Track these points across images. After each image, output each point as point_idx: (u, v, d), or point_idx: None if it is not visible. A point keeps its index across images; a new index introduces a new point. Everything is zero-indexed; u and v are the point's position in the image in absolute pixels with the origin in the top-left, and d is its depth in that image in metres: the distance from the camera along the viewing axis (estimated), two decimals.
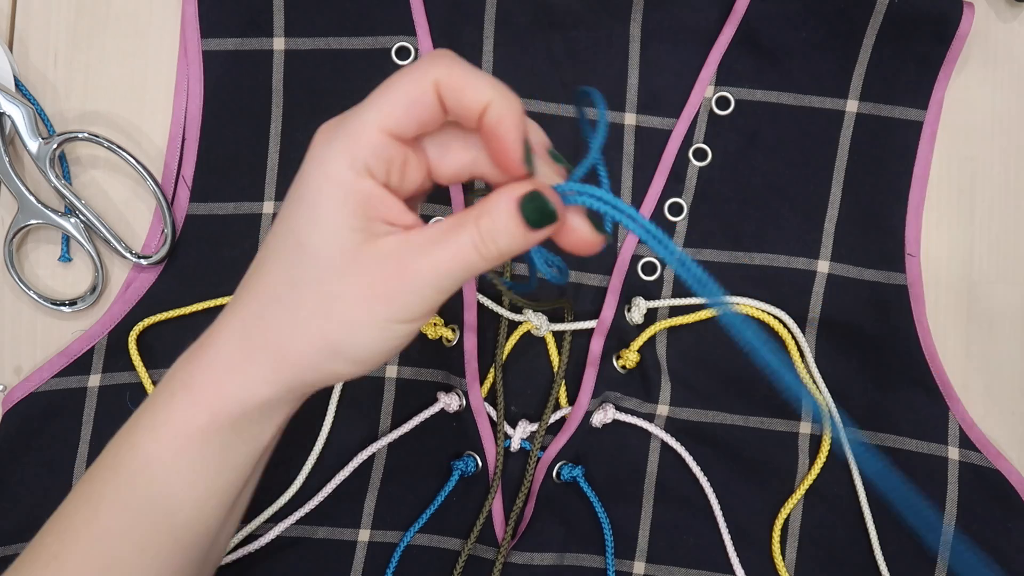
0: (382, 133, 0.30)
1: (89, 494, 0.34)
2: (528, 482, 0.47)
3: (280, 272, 0.32)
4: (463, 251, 0.31)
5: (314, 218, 0.31)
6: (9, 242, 0.49)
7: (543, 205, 0.31)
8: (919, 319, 0.48)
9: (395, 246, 0.31)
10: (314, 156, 0.31)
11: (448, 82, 0.30)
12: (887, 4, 0.48)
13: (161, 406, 0.34)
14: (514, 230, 0.31)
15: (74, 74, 0.51)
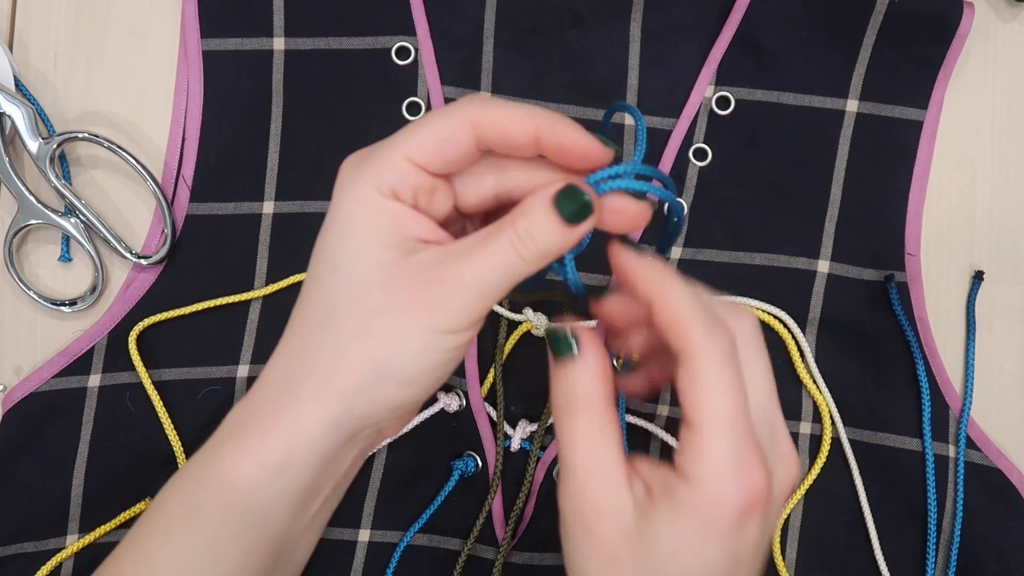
0: (408, 162, 0.31)
1: (139, 538, 0.34)
2: (528, 482, 0.47)
3: (318, 299, 0.32)
4: (503, 254, 0.30)
5: (345, 239, 0.31)
6: (9, 242, 0.49)
7: (578, 198, 0.30)
8: (919, 318, 0.48)
9: (432, 257, 0.31)
10: (342, 184, 0.32)
11: (487, 122, 0.30)
12: (887, 4, 0.48)
13: (210, 456, 0.33)
14: (552, 227, 0.30)
15: (74, 74, 0.51)
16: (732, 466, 0.30)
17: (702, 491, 0.30)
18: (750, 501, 0.31)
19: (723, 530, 0.31)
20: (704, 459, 0.30)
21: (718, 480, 0.30)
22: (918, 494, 0.48)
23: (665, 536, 0.31)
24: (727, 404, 0.31)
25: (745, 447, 0.31)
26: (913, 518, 0.48)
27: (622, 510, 0.31)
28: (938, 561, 0.48)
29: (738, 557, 0.31)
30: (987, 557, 0.47)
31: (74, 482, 0.47)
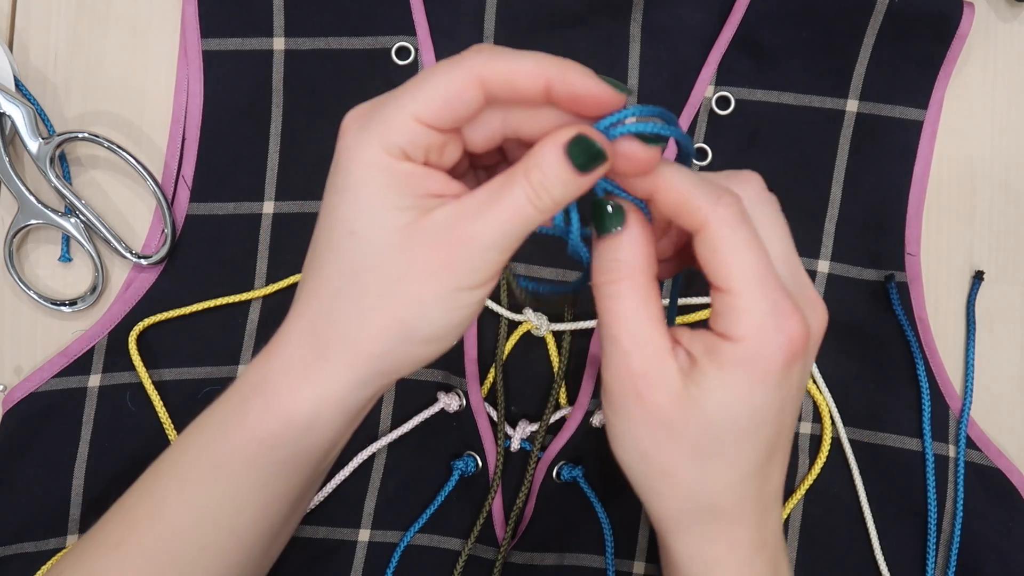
0: (417, 122, 0.30)
1: (153, 489, 0.35)
2: (528, 482, 0.47)
3: (337, 265, 0.32)
4: (518, 207, 0.30)
5: (359, 205, 0.31)
6: (9, 242, 0.49)
7: (590, 147, 0.30)
8: (919, 318, 0.48)
9: (448, 215, 0.31)
10: (347, 145, 0.31)
11: (495, 77, 0.30)
12: (887, 4, 0.48)
13: (232, 411, 0.34)
14: (566, 177, 0.30)
15: (74, 74, 0.51)
16: (771, 317, 0.31)
17: (747, 347, 0.32)
18: (793, 348, 0.32)
19: (771, 379, 0.32)
20: (743, 316, 0.31)
21: (761, 333, 0.31)
22: (918, 494, 0.48)
23: (715, 392, 0.32)
24: (751, 260, 0.31)
25: (779, 297, 0.32)
26: (913, 518, 0.48)
27: (670, 376, 0.33)
28: (938, 561, 0.48)
29: (783, 402, 0.33)
30: (987, 557, 0.47)
31: (74, 482, 0.47)
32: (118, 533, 0.35)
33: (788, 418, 0.34)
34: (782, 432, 0.34)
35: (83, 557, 0.35)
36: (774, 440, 0.34)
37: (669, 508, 0.35)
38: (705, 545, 0.35)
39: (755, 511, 0.35)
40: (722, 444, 0.33)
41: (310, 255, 0.33)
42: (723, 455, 0.33)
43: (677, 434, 0.33)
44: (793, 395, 0.33)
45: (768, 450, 0.34)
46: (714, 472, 0.34)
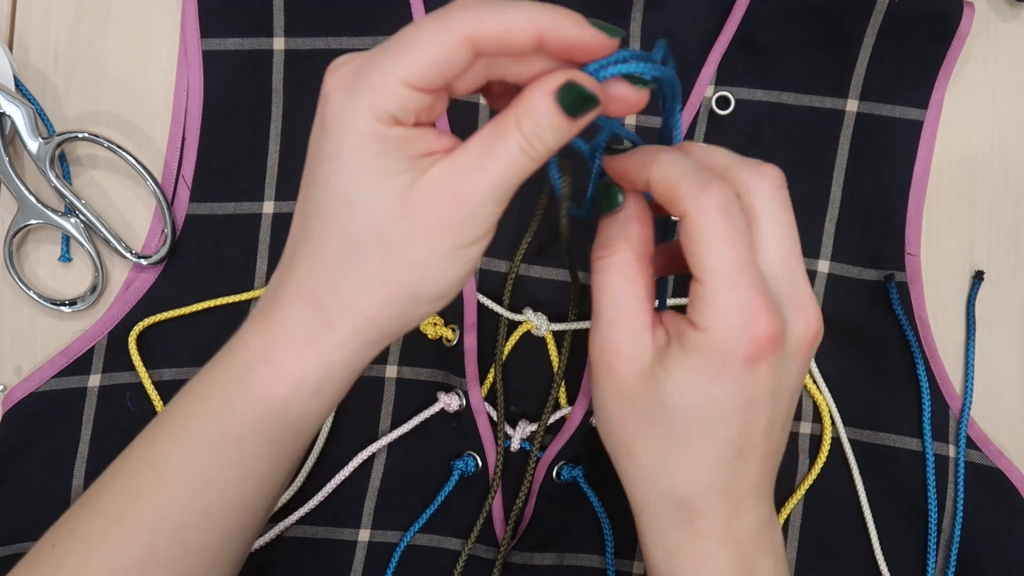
0: (407, 87, 0.29)
1: (154, 460, 0.34)
2: (528, 482, 0.47)
3: (335, 235, 0.31)
4: (512, 158, 0.30)
5: (354, 175, 0.30)
6: (9, 242, 0.49)
7: (581, 92, 0.30)
8: (919, 318, 0.48)
9: (443, 173, 0.30)
10: (335, 114, 0.30)
11: (486, 35, 0.29)
12: (887, 4, 0.48)
13: (236, 380, 0.33)
14: (558, 124, 0.30)
15: (74, 74, 0.51)
16: (736, 314, 0.32)
17: (708, 337, 0.32)
18: (756, 347, 0.32)
19: (731, 374, 0.32)
20: (709, 308, 0.32)
21: (724, 327, 0.32)
22: (918, 494, 0.48)
23: (675, 377, 0.33)
24: (725, 254, 0.32)
25: (750, 295, 0.32)
26: (913, 518, 0.48)
27: (641, 353, 0.33)
28: (938, 561, 0.48)
29: (750, 400, 0.33)
30: (987, 557, 0.47)
31: (74, 482, 0.47)
32: (118, 505, 0.34)
33: (758, 418, 0.33)
34: (752, 431, 0.34)
35: (79, 529, 0.35)
36: (739, 437, 0.33)
37: (635, 489, 0.35)
38: (667, 531, 0.35)
39: (723, 505, 0.34)
40: (681, 431, 0.33)
41: (301, 224, 0.33)
42: (683, 442, 0.33)
43: (640, 411, 0.34)
44: (763, 395, 0.33)
45: (734, 446, 0.34)
46: (674, 458, 0.34)
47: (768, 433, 0.34)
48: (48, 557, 0.35)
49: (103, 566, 0.34)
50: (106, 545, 0.34)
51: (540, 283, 0.48)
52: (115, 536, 0.34)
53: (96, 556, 0.34)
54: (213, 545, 0.35)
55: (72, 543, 0.35)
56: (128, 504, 0.34)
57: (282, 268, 0.34)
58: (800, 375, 0.35)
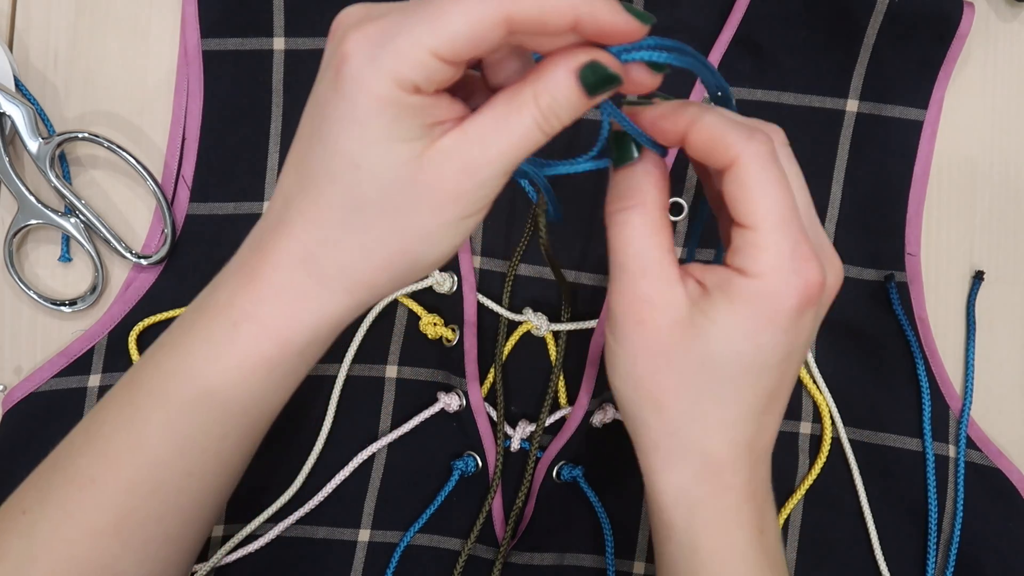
0: (434, 58, 0.28)
1: (131, 419, 0.34)
2: (528, 482, 0.47)
3: (339, 196, 0.31)
4: (527, 132, 0.30)
5: (366, 139, 0.30)
6: (9, 242, 0.49)
7: (605, 73, 0.30)
8: (919, 318, 0.48)
9: (455, 143, 0.30)
10: (354, 75, 0.29)
11: (524, 16, 0.28)
12: (887, 4, 0.48)
13: (221, 337, 0.33)
14: (576, 101, 0.30)
15: (74, 74, 0.51)
16: (790, 258, 0.31)
17: (762, 283, 0.31)
18: (809, 292, 0.32)
19: (782, 321, 0.32)
20: (762, 253, 0.31)
21: (778, 272, 0.31)
22: (918, 494, 0.48)
23: (721, 324, 0.32)
24: (778, 199, 0.31)
25: (801, 240, 0.32)
26: (913, 518, 0.48)
27: (676, 302, 0.33)
28: (938, 561, 0.48)
29: (791, 349, 0.33)
30: (987, 557, 0.47)
31: None
32: (94, 468, 0.34)
33: (792, 367, 0.34)
34: (784, 381, 0.34)
35: (51, 494, 0.34)
36: (775, 387, 0.34)
37: (657, 443, 0.35)
38: (690, 487, 0.34)
39: (747, 460, 0.34)
40: (720, 380, 0.33)
41: (298, 178, 0.32)
42: (719, 392, 0.33)
43: (675, 363, 0.33)
44: (801, 344, 0.33)
45: (768, 396, 0.34)
46: (707, 408, 0.33)
47: (792, 383, 0.35)
48: (19, 523, 0.34)
49: (79, 530, 0.33)
50: (82, 509, 0.34)
51: (540, 283, 0.48)
52: (91, 499, 0.34)
53: (71, 520, 0.33)
54: (192, 505, 0.35)
55: (44, 507, 0.34)
56: (105, 467, 0.34)
57: (270, 222, 0.33)
58: (817, 326, 0.35)
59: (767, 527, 0.36)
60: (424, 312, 0.48)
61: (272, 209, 0.33)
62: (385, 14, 0.30)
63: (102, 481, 0.34)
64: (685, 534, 0.35)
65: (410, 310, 0.48)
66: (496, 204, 0.48)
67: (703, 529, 0.35)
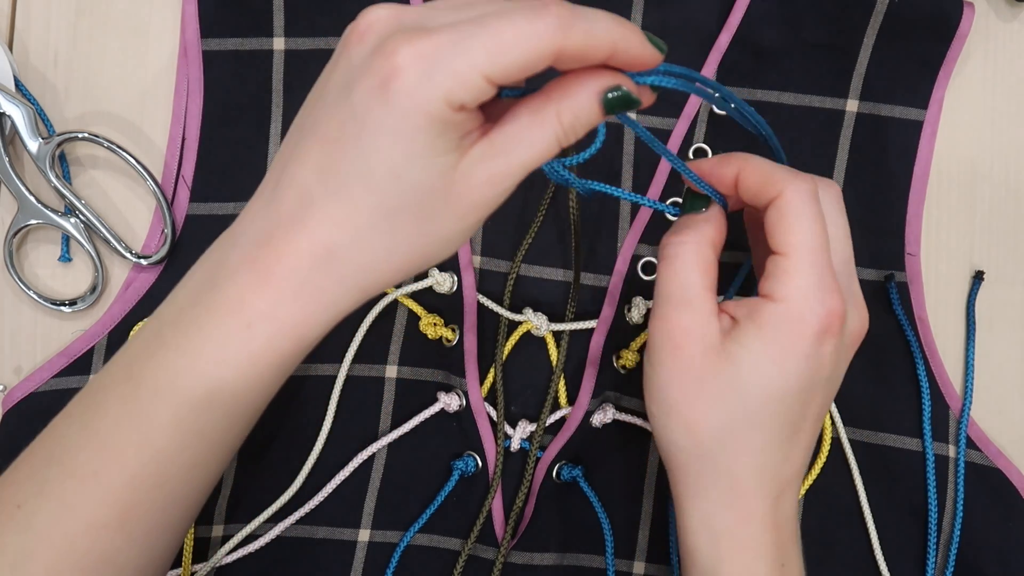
0: (486, 81, 0.29)
1: (136, 415, 0.33)
2: (528, 482, 0.47)
3: (374, 203, 0.31)
4: (548, 146, 0.32)
5: (411, 152, 0.30)
6: (9, 242, 0.49)
7: (628, 97, 0.32)
8: (919, 318, 0.48)
9: (482, 155, 0.31)
10: (407, 90, 0.30)
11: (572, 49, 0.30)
12: (887, 4, 0.48)
13: (234, 337, 0.33)
14: (595, 120, 0.32)
15: (74, 74, 0.51)
16: (815, 286, 0.35)
17: (787, 307, 0.35)
18: (829, 320, 0.35)
19: (804, 345, 0.35)
20: (790, 279, 0.35)
21: (802, 297, 0.35)
22: (918, 494, 0.48)
23: (750, 349, 0.35)
24: (812, 232, 0.35)
25: (826, 273, 0.35)
26: (913, 518, 0.48)
27: (710, 333, 0.36)
28: (938, 561, 0.48)
29: (813, 378, 0.35)
30: (987, 557, 0.47)
31: None
32: (95, 462, 0.33)
33: (816, 399, 0.36)
34: (808, 412, 0.36)
35: (49, 488, 0.34)
36: (799, 415, 0.36)
37: (688, 466, 0.37)
38: (717, 513, 0.36)
39: (772, 488, 0.36)
40: (748, 405, 0.35)
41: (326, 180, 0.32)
42: (747, 417, 0.35)
43: (707, 388, 0.35)
44: (824, 376, 0.36)
45: (792, 425, 0.35)
46: (736, 432, 0.35)
47: (817, 419, 0.37)
48: (15, 517, 0.34)
49: (80, 523, 0.33)
50: (84, 503, 0.33)
51: (540, 283, 0.48)
52: (93, 493, 0.33)
53: (72, 514, 0.33)
54: (195, 493, 0.36)
55: (42, 501, 0.34)
56: (109, 461, 0.33)
57: (281, 218, 0.32)
58: (843, 370, 0.37)
59: (789, 561, 0.37)
60: (424, 312, 0.48)
61: (283, 204, 0.33)
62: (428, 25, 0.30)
63: (105, 475, 0.33)
64: (708, 560, 0.37)
65: (410, 310, 0.48)
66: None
67: (725, 556, 0.36)
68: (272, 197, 0.33)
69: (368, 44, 0.31)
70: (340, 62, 0.33)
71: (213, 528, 0.47)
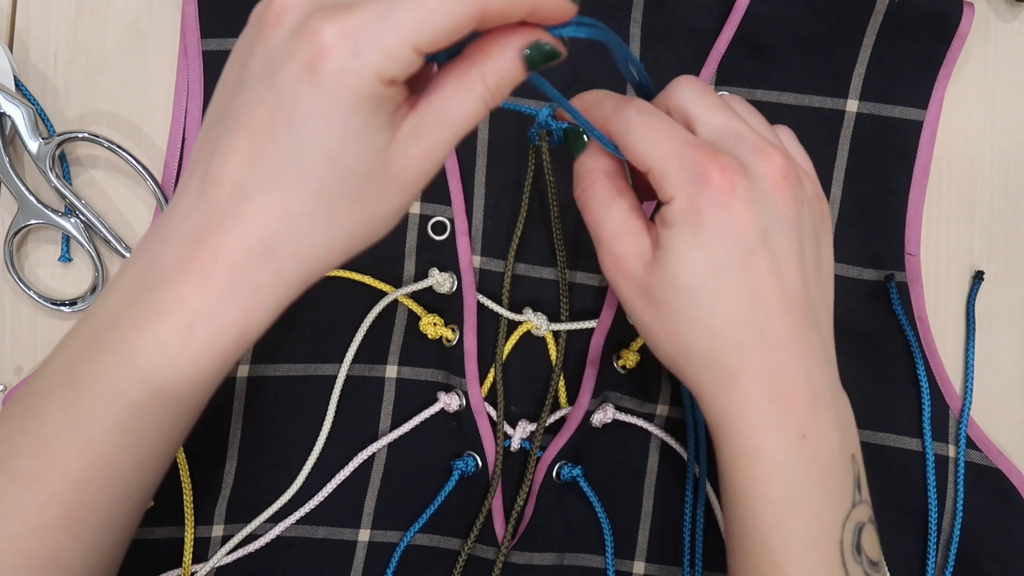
0: (415, 52, 0.29)
1: (78, 421, 0.33)
2: (528, 482, 0.47)
3: (311, 189, 0.31)
4: (477, 110, 0.32)
5: (346, 133, 0.30)
6: (9, 242, 0.49)
7: (549, 51, 0.32)
8: (919, 318, 0.48)
9: (414, 128, 0.31)
10: (337, 71, 0.29)
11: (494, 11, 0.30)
12: (887, 4, 0.48)
13: (175, 338, 0.32)
14: (519, 77, 0.32)
15: (74, 74, 0.51)
16: (686, 170, 0.35)
17: (677, 201, 0.35)
18: (715, 185, 0.35)
19: (709, 221, 0.35)
20: (665, 180, 0.35)
21: (681, 184, 0.35)
22: (918, 494, 0.48)
23: (672, 250, 0.35)
24: (655, 135, 0.36)
25: (688, 150, 0.35)
26: (913, 518, 0.48)
27: (643, 249, 0.37)
28: (937, 561, 0.48)
29: (740, 241, 0.35)
30: (986, 557, 0.47)
31: None
32: (38, 467, 0.33)
33: (758, 259, 0.35)
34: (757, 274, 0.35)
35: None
36: (749, 281, 0.35)
37: (690, 372, 0.37)
38: (719, 401, 0.36)
39: (760, 358, 0.36)
40: (696, 293, 0.35)
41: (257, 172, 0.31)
42: (702, 304, 0.36)
43: (659, 297, 0.36)
44: (750, 233, 0.35)
45: (742, 297, 0.35)
46: (704, 323, 0.36)
47: (778, 276, 0.36)
48: None
49: (25, 527, 0.33)
50: (27, 506, 0.33)
51: (539, 283, 0.48)
52: (37, 497, 0.33)
53: (16, 517, 0.33)
54: (141, 491, 0.35)
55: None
56: (51, 466, 0.33)
57: (213, 214, 0.32)
58: (792, 214, 0.36)
59: (813, 432, 0.36)
60: (424, 312, 0.48)
61: (214, 200, 0.31)
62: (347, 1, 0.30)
63: (48, 480, 0.33)
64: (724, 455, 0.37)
65: (410, 310, 0.48)
66: (497, 204, 0.48)
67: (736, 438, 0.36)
68: (201, 192, 0.32)
69: (286, 26, 0.30)
70: (257, 47, 0.31)
71: (213, 528, 0.47)
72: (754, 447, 0.36)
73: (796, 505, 0.36)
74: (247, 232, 0.31)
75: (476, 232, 0.48)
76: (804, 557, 0.35)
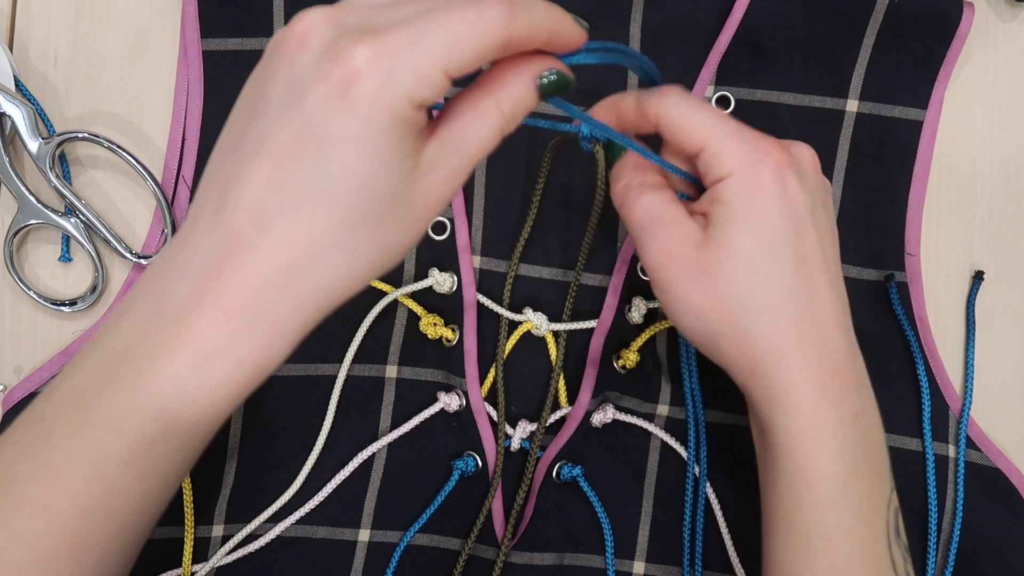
0: (446, 77, 0.29)
1: (87, 451, 0.32)
2: (528, 482, 0.47)
3: (337, 216, 0.30)
4: (493, 136, 0.32)
5: (376, 158, 0.29)
6: (9, 242, 0.49)
7: (563, 79, 0.33)
8: (919, 318, 0.48)
9: (435, 154, 0.31)
10: (370, 94, 0.29)
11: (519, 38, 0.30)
12: (887, 4, 0.48)
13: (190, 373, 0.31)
14: (532, 104, 0.33)
15: (74, 74, 0.51)
16: (744, 147, 0.37)
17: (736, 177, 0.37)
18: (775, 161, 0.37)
19: (768, 192, 0.36)
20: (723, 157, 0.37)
21: (742, 159, 0.36)
22: (918, 494, 0.48)
23: (730, 225, 0.37)
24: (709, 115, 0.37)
25: (746, 132, 0.37)
26: (913, 518, 0.48)
27: (691, 231, 0.38)
28: (937, 561, 0.48)
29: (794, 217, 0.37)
30: (986, 557, 0.47)
31: None
32: (45, 495, 0.32)
33: (808, 235, 0.37)
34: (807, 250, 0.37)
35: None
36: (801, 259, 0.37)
37: (738, 353, 0.38)
38: (775, 382, 0.37)
39: (813, 331, 0.37)
40: (757, 264, 0.37)
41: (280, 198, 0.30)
42: (762, 273, 0.37)
43: (715, 276, 0.37)
44: (802, 210, 0.37)
45: (798, 268, 0.37)
46: (763, 293, 0.37)
47: (823, 251, 0.38)
48: None
49: (31, 553, 0.32)
50: (34, 534, 0.32)
51: (540, 283, 0.48)
52: (44, 525, 0.32)
53: (22, 544, 0.32)
54: (149, 518, 0.35)
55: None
56: (59, 495, 0.32)
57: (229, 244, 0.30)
58: (824, 193, 0.39)
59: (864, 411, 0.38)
60: (424, 312, 0.48)
61: (233, 228, 0.30)
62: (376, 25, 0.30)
63: (56, 508, 0.32)
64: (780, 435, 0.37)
65: (410, 310, 0.48)
66: (496, 204, 0.48)
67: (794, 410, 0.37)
68: (217, 221, 0.31)
69: (312, 50, 0.30)
70: (279, 73, 0.30)
71: (213, 528, 0.47)
72: (814, 421, 0.37)
73: (853, 483, 0.37)
74: (267, 262, 0.30)
75: (476, 232, 0.48)
76: (857, 533, 0.37)
